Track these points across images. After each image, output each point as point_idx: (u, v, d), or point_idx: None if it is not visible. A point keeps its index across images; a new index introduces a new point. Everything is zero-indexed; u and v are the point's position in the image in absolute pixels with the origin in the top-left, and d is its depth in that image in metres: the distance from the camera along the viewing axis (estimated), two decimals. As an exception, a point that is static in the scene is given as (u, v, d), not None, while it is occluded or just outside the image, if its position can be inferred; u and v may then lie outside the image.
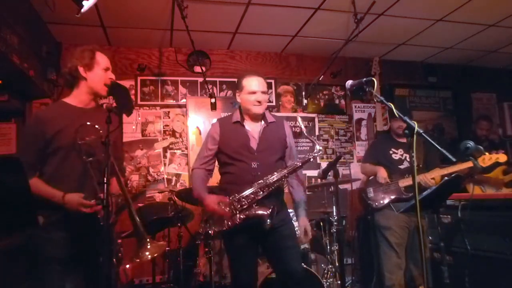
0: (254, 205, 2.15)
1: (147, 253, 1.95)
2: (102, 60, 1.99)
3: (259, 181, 2.18)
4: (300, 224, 2.39)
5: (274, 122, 2.41)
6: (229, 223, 2.15)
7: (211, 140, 2.35)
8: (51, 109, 2.11)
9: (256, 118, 2.36)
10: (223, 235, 2.33)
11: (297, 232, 2.47)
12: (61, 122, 1.90)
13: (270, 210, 2.10)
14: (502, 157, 2.77)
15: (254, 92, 2.29)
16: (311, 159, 2.34)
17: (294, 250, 2.31)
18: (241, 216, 2.13)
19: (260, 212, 2.12)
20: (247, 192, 2.16)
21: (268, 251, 2.31)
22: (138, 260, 1.96)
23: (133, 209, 2.00)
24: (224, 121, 2.43)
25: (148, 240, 1.95)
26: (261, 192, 2.16)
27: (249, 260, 2.27)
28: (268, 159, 2.28)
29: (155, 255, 2.07)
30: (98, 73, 1.97)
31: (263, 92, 2.31)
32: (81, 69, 1.94)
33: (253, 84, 2.31)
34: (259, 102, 2.28)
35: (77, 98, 2.01)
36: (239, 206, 2.15)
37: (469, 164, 2.70)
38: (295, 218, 2.55)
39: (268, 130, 2.35)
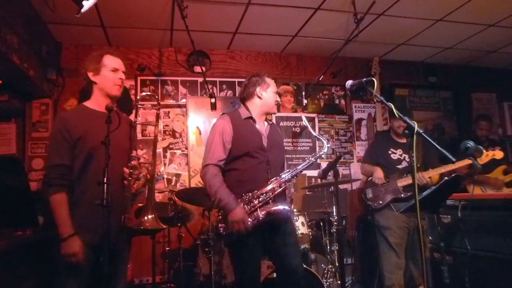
0: (270, 201, 2.15)
1: (147, 224, 2.12)
2: (109, 61, 2.05)
3: (275, 177, 2.20)
4: None
5: (274, 125, 2.47)
6: (251, 220, 2.11)
7: (225, 134, 2.25)
8: (74, 112, 2.17)
9: (264, 117, 2.41)
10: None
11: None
12: (84, 126, 1.96)
13: (289, 205, 2.13)
14: (498, 154, 2.78)
15: (277, 93, 2.38)
16: (323, 156, 2.40)
17: (296, 247, 2.33)
18: (263, 212, 2.12)
19: (281, 206, 2.12)
20: (266, 188, 2.16)
21: (270, 248, 2.30)
22: (135, 225, 2.11)
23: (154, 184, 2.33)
24: (233, 115, 2.35)
25: (154, 215, 2.12)
26: (279, 189, 2.18)
27: (255, 258, 2.25)
28: (276, 158, 2.31)
29: (152, 228, 2.20)
30: (106, 75, 2.03)
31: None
32: (90, 74, 2.04)
33: (275, 85, 2.42)
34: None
35: (95, 102, 2.08)
36: (257, 202, 2.14)
37: (467, 161, 2.70)
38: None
39: (272, 130, 2.40)
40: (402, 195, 3.06)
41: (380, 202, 3.17)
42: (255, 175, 2.21)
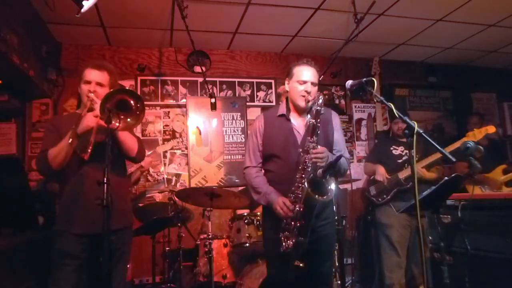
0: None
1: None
2: (85, 74, 2.13)
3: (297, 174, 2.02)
4: None
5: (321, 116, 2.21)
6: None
7: (257, 135, 2.22)
8: (65, 117, 2.36)
9: (301, 111, 2.22)
10: (265, 230, 2.29)
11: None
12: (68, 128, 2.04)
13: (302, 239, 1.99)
14: (490, 128, 2.85)
15: (303, 82, 2.16)
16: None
17: (326, 254, 2.22)
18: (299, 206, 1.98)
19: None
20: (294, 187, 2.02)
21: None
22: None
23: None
24: (268, 114, 2.29)
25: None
26: (304, 177, 2.00)
27: (287, 259, 2.11)
28: None
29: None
30: (81, 87, 2.13)
31: (313, 84, 2.18)
32: None
33: (304, 73, 2.17)
34: (308, 92, 2.14)
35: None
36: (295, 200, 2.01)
37: (457, 144, 2.79)
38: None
39: None
40: (404, 185, 3.09)
41: (385, 196, 3.21)
42: (281, 177, 2.11)
